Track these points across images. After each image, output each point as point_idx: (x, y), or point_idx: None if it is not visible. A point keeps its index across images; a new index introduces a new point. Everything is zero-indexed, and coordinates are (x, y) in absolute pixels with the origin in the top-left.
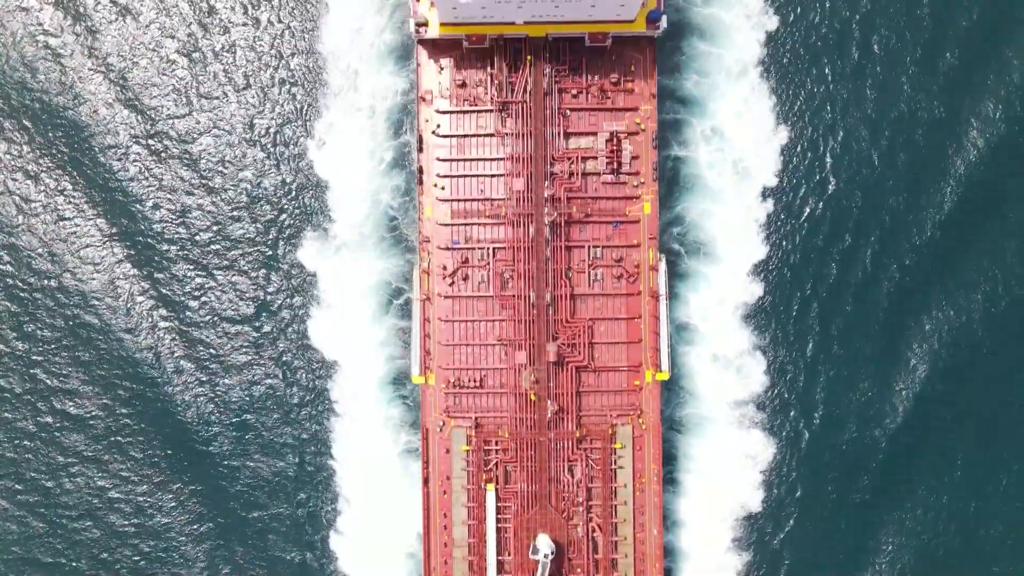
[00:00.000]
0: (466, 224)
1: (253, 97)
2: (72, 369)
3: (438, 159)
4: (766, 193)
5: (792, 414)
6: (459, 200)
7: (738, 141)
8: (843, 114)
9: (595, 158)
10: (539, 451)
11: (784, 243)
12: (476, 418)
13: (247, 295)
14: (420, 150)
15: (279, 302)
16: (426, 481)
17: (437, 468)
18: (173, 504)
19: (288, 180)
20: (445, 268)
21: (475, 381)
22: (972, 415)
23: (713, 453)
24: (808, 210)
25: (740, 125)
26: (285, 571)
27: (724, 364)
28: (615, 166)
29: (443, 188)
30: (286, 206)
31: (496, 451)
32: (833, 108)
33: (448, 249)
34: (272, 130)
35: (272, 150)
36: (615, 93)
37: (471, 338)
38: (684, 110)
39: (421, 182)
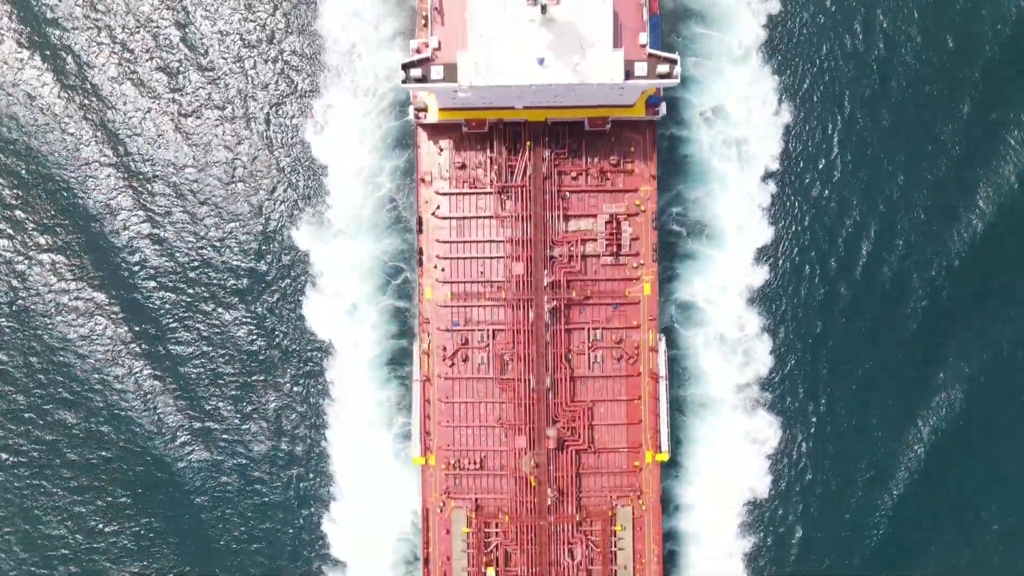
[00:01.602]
0: (466, 306)
1: (248, 79)
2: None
3: (437, 240)
4: (771, 176)
5: (801, 397)
6: (459, 282)
7: (740, 123)
8: (852, 97)
9: (595, 240)
10: (539, 534)
11: (791, 226)
12: (476, 499)
13: (241, 276)
14: (419, 231)
15: (273, 284)
16: (426, 562)
17: (437, 549)
18: (163, 486)
19: (284, 164)
20: (445, 349)
21: (475, 463)
22: (981, 397)
23: (719, 436)
24: (814, 194)
25: (742, 107)
26: (277, 555)
27: (730, 346)
28: (615, 248)
29: (443, 270)
30: (282, 189)
31: (496, 533)
32: (842, 91)
33: (448, 331)
34: (268, 113)
35: (268, 134)
36: (615, 175)
37: (471, 419)
38: (682, 89)
39: (421, 263)
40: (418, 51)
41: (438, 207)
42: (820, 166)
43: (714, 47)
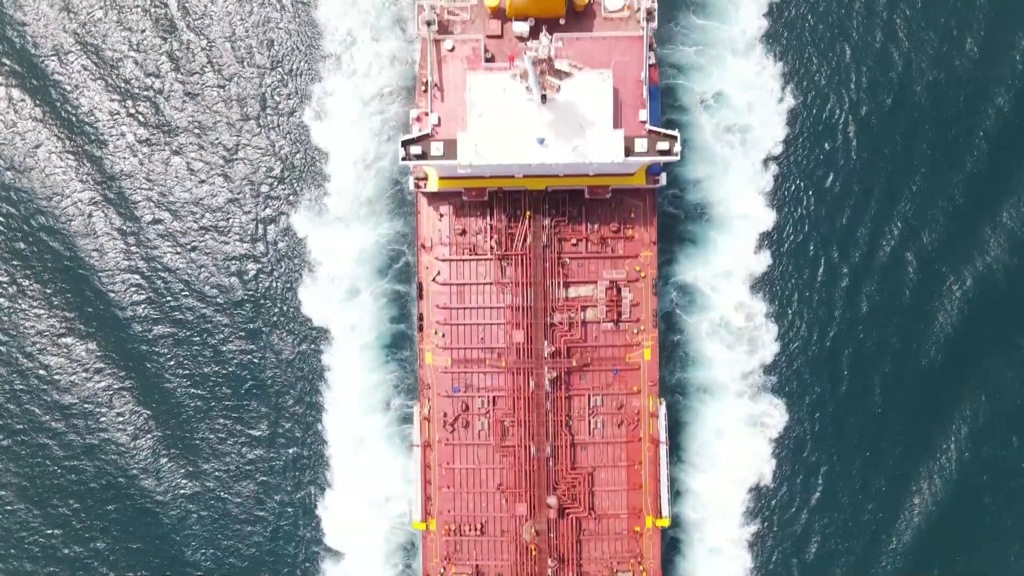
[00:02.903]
0: (467, 372)
1: (245, 66)
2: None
3: (438, 306)
4: (775, 161)
5: (808, 381)
6: (459, 348)
7: (743, 110)
8: (863, 85)
9: (595, 306)
10: None
11: (797, 212)
12: (477, 565)
13: (236, 262)
14: (420, 297)
15: (270, 270)
16: None
17: None
18: (156, 477)
19: (282, 149)
20: (446, 415)
21: (476, 528)
22: (993, 381)
23: (722, 422)
24: (822, 180)
25: (744, 94)
26: (271, 547)
27: (735, 335)
28: (615, 315)
29: (443, 336)
30: (279, 174)
31: None
32: (857, 79)
33: (448, 396)
34: (266, 101)
35: (265, 120)
36: (615, 241)
37: (472, 485)
38: (681, 76)
39: (421, 329)
40: (418, 119)
41: (438, 273)
42: (827, 153)
43: (715, 36)
